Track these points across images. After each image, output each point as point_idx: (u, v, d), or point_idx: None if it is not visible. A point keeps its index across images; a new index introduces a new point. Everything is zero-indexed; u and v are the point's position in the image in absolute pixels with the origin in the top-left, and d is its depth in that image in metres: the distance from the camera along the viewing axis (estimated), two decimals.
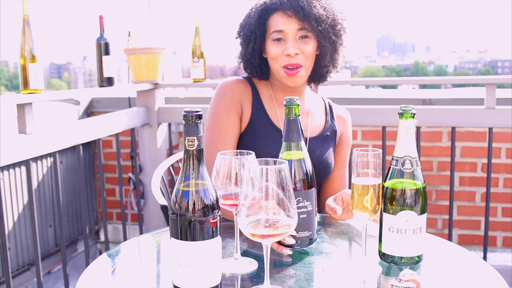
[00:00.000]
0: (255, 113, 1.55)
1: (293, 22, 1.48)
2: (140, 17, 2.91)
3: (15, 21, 1.95)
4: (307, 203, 1.14)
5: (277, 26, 1.49)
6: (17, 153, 1.85)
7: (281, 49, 1.49)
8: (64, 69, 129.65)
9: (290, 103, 1.12)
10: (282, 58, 1.49)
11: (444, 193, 2.89)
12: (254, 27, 1.53)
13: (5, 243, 1.82)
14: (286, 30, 1.48)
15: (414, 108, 1.07)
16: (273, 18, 1.51)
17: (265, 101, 1.58)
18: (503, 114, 2.29)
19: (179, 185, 0.89)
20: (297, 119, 1.13)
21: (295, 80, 1.51)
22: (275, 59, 1.50)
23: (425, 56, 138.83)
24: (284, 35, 1.49)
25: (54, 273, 2.89)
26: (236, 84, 1.57)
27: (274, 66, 1.52)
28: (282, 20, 1.49)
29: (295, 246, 1.16)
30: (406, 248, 1.08)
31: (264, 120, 1.55)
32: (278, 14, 1.50)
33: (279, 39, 1.49)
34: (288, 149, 1.13)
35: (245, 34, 1.56)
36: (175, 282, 0.91)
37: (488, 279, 1.04)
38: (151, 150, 2.81)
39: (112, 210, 3.38)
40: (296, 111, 1.12)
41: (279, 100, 1.59)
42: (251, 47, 1.54)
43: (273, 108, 1.58)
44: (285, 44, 1.49)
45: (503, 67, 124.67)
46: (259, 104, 1.57)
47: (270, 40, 1.51)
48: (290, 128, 1.13)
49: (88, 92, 2.70)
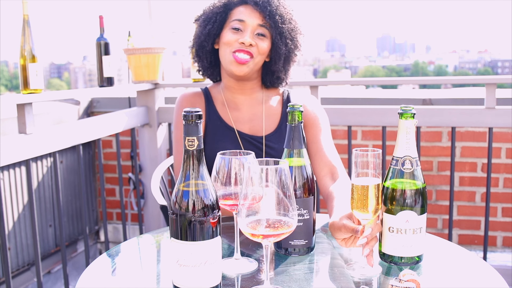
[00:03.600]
0: (208, 120, 1.61)
1: (256, 17, 1.52)
2: (140, 17, 2.91)
3: (15, 21, 1.95)
4: (304, 211, 1.13)
5: (240, 15, 1.53)
6: (17, 153, 1.85)
7: (237, 37, 1.52)
8: (64, 69, 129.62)
9: (293, 109, 1.11)
10: (235, 44, 1.52)
11: (444, 193, 2.90)
12: (217, 11, 1.57)
13: (5, 243, 1.82)
14: (248, 21, 1.52)
15: (414, 108, 1.08)
16: (237, 9, 1.55)
17: (218, 106, 1.63)
18: (503, 114, 2.29)
19: (179, 185, 0.89)
20: (299, 126, 1.12)
21: (242, 68, 1.52)
22: (228, 44, 1.53)
23: (425, 56, 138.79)
24: (244, 26, 1.52)
25: (54, 273, 2.89)
26: (190, 97, 1.65)
27: (225, 51, 1.54)
28: (246, 12, 1.53)
29: (292, 254, 1.15)
30: (406, 248, 1.08)
31: (218, 123, 1.60)
32: (244, 6, 1.55)
33: (237, 29, 1.53)
34: (289, 155, 1.13)
35: (206, 16, 1.58)
36: (175, 282, 0.91)
37: (488, 279, 1.04)
38: (151, 150, 2.81)
39: (112, 210, 3.38)
40: (299, 118, 1.12)
41: (231, 102, 1.63)
42: (208, 28, 1.57)
43: (225, 110, 1.62)
44: (242, 34, 1.52)
45: (503, 67, 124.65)
46: (213, 110, 1.62)
47: (228, 27, 1.55)
48: (292, 135, 1.12)
49: (88, 92, 2.70)
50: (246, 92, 1.62)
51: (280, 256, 1.16)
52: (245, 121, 1.61)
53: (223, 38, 1.54)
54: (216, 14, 1.56)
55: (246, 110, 1.62)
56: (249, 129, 1.60)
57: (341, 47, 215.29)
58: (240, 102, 1.63)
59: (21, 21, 1.86)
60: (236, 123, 1.60)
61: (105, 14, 2.38)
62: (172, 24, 3.08)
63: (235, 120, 1.61)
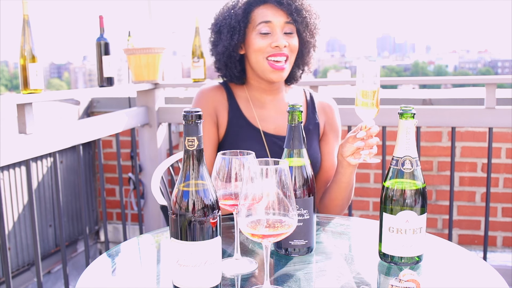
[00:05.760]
0: (232, 117, 1.55)
1: (281, 15, 1.48)
2: (140, 17, 2.90)
3: (15, 21, 1.95)
4: (304, 211, 1.12)
5: (265, 17, 1.47)
6: (17, 153, 1.85)
7: (268, 42, 1.47)
8: (64, 69, 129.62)
9: (293, 109, 1.11)
10: (267, 49, 1.47)
11: (444, 193, 2.89)
12: (239, 18, 1.49)
13: (5, 243, 1.82)
14: (274, 21, 1.47)
15: (414, 108, 1.08)
16: (259, 10, 1.49)
17: (241, 104, 1.58)
18: (503, 114, 2.29)
19: (179, 185, 0.89)
20: (299, 126, 1.12)
21: (281, 74, 1.50)
22: (260, 50, 1.48)
23: (425, 56, 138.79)
24: (271, 27, 1.47)
25: (54, 273, 2.89)
26: (210, 92, 1.58)
27: (257, 58, 1.49)
28: (270, 12, 1.48)
29: (292, 254, 1.15)
30: (406, 248, 1.08)
31: (242, 122, 1.55)
32: (265, 6, 1.49)
33: (266, 33, 1.47)
34: (289, 155, 1.13)
35: (230, 25, 1.51)
36: (175, 282, 0.91)
37: (488, 279, 1.04)
38: (151, 150, 2.81)
39: (112, 210, 3.38)
40: (299, 118, 1.11)
41: (256, 101, 1.59)
42: (236, 38, 1.50)
43: (249, 109, 1.57)
44: (272, 37, 1.47)
45: (503, 67, 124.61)
46: (236, 108, 1.56)
47: (254, 32, 1.49)
48: (292, 135, 1.12)
49: (88, 92, 2.70)
50: (274, 92, 1.59)
51: (280, 256, 1.16)
52: (271, 120, 1.58)
53: (253, 45, 1.49)
54: (239, 22, 1.49)
55: (271, 109, 1.59)
56: (274, 128, 1.57)
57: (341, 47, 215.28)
58: (267, 101, 1.59)
59: (21, 21, 1.85)
60: (261, 122, 1.56)
61: (105, 14, 2.38)
62: (172, 24, 3.08)
63: (260, 119, 1.56)
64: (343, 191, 1.48)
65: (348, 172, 1.42)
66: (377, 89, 1.25)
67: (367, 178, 2.96)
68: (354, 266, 1.10)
